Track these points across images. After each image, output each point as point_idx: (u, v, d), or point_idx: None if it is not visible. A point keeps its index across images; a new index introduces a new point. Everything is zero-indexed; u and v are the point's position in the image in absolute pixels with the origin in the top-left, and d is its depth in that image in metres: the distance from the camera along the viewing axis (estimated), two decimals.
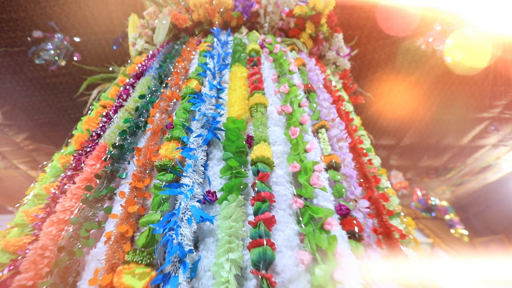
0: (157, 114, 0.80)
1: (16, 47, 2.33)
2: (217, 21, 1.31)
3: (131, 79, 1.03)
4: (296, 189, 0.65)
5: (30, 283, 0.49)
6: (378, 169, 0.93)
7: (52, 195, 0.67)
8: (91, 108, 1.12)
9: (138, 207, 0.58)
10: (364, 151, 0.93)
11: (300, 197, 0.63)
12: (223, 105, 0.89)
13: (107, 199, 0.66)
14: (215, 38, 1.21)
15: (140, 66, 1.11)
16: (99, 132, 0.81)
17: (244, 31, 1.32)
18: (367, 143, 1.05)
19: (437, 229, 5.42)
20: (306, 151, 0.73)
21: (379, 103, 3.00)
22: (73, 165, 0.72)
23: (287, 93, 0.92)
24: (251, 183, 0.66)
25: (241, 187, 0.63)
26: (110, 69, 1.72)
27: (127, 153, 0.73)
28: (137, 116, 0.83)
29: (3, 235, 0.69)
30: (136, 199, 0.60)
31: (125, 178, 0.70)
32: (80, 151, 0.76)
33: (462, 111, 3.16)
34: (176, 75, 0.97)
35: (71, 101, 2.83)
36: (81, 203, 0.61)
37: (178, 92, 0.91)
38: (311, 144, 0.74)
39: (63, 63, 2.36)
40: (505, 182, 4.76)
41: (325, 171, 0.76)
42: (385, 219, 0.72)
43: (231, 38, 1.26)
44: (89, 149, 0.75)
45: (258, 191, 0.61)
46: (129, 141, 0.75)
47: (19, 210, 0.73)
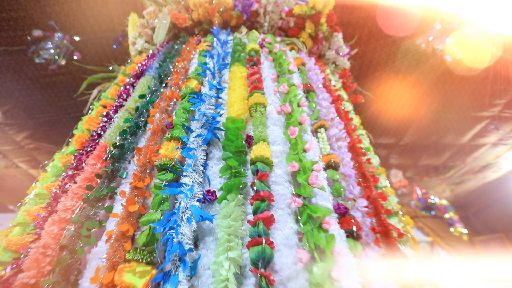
0: (157, 114, 0.81)
1: (16, 46, 2.33)
2: (216, 20, 1.31)
3: (131, 79, 1.04)
4: (295, 189, 0.65)
5: (32, 281, 0.49)
6: (376, 169, 0.94)
7: (53, 194, 0.67)
8: (91, 107, 1.13)
9: (138, 206, 0.59)
10: (363, 151, 0.94)
11: (299, 196, 0.64)
12: (223, 104, 0.89)
13: (108, 198, 0.66)
14: (215, 37, 1.21)
15: (140, 65, 1.12)
16: (99, 131, 0.82)
17: (243, 31, 1.32)
18: (366, 143, 1.06)
19: (436, 228, 5.43)
20: (305, 151, 0.73)
21: (379, 102, 3.00)
22: (74, 164, 0.72)
23: (286, 92, 0.93)
24: (250, 182, 0.67)
25: (241, 186, 0.63)
26: (110, 68, 1.72)
27: (128, 153, 0.74)
28: (137, 116, 0.83)
29: (5, 234, 0.70)
30: (136, 198, 0.60)
31: (125, 177, 0.70)
32: (81, 151, 0.76)
33: (462, 110, 3.16)
34: (176, 75, 0.97)
35: (71, 100, 2.83)
36: (82, 202, 0.62)
37: (178, 92, 0.91)
38: (310, 143, 0.74)
39: (63, 62, 2.36)
40: (505, 180, 4.77)
41: (324, 171, 0.77)
42: (383, 218, 0.73)
43: (230, 37, 1.26)
44: (90, 149, 0.75)
45: (257, 190, 0.61)
46: (129, 140, 0.76)
47: (20, 209, 0.74)
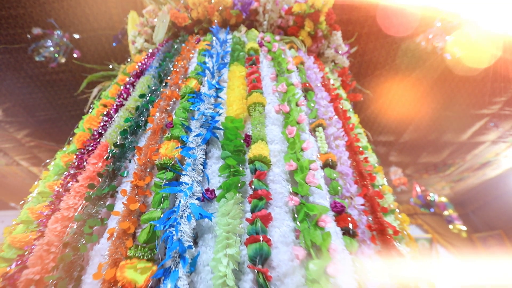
0: (157, 113, 0.82)
1: (15, 44, 2.33)
2: (216, 19, 1.32)
3: (131, 78, 1.05)
4: (292, 187, 0.66)
5: (37, 277, 0.51)
6: (373, 167, 0.95)
7: (56, 193, 0.69)
8: (92, 106, 1.14)
9: (139, 204, 0.60)
10: (360, 149, 0.95)
11: (296, 194, 0.65)
12: (222, 104, 0.90)
13: (109, 197, 0.68)
14: (214, 36, 1.22)
15: (140, 65, 1.12)
16: (100, 131, 0.83)
17: (243, 29, 1.32)
18: (363, 141, 1.07)
19: (435, 225, 5.46)
20: (302, 150, 0.74)
21: (379, 100, 3.01)
22: (76, 163, 0.74)
23: (284, 92, 0.94)
24: (248, 181, 0.68)
25: (239, 185, 0.64)
26: (110, 67, 1.72)
27: (128, 152, 0.75)
28: (138, 115, 0.84)
29: (9, 231, 0.71)
30: (137, 197, 0.62)
31: (126, 176, 0.72)
32: (82, 150, 0.77)
33: (461, 107, 3.16)
34: (175, 74, 0.98)
35: (71, 98, 2.84)
36: (84, 201, 0.63)
37: (177, 91, 0.92)
38: (308, 143, 0.75)
39: (63, 60, 2.36)
40: (504, 178, 4.78)
41: (321, 169, 0.78)
42: (379, 216, 0.74)
43: (230, 36, 1.27)
44: (91, 148, 0.77)
45: (255, 189, 0.63)
46: (130, 140, 0.77)
47: (24, 207, 0.75)
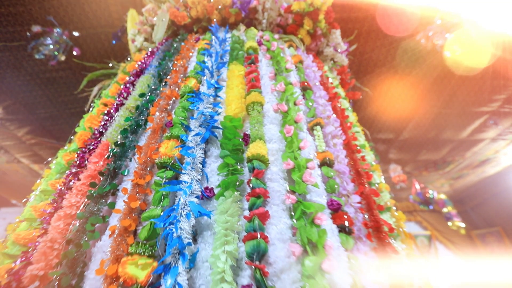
0: (157, 112, 0.83)
1: (15, 42, 2.33)
2: (215, 18, 1.32)
3: (131, 77, 1.05)
4: (289, 185, 0.68)
5: (41, 273, 0.53)
6: (370, 165, 0.96)
7: (58, 191, 0.70)
8: (92, 105, 1.15)
9: (140, 202, 0.62)
10: (358, 148, 0.96)
11: (293, 193, 0.66)
12: (221, 103, 0.91)
13: (110, 195, 0.69)
14: (213, 35, 1.22)
15: (139, 64, 1.13)
16: (101, 130, 0.84)
17: (242, 28, 1.33)
18: (361, 140, 1.08)
19: (434, 222, 5.51)
20: (300, 149, 0.76)
21: (379, 98, 3.01)
22: (77, 162, 0.75)
23: (283, 91, 0.94)
24: (247, 179, 0.69)
25: (237, 183, 0.65)
26: (110, 65, 1.73)
27: (129, 151, 0.76)
28: (138, 114, 0.85)
29: (12, 229, 0.73)
30: (138, 195, 0.63)
31: (127, 175, 0.73)
32: (83, 149, 0.79)
33: (461, 105, 3.17)
34: (175, 73, 0.99)
35: (72, 96, 2.84)
36: (86, 199, 0.65)
37: (177, 90, 0.93)
38: (305, 142, 0.76)
39: (62, 57, 2.36)
40: (503, 175, 4.80)
41: (319, 168, 0.79)
42: (375, 214, 0.76)
43: (229, 35, 1.27)
44: (92, 147, 0.78)
45: (253, 187, 0.64)
46: (130, 139, 0.78)
47: (27, 205, 0.77)
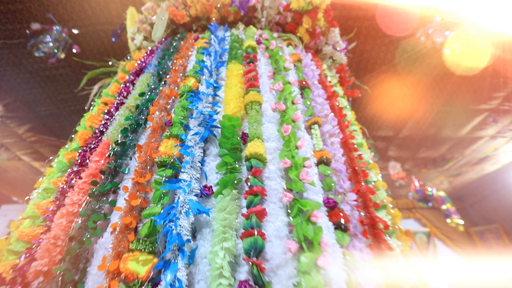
0: (157, 112, 0.84)
1: (14, 39, 2.33)
2: (214, 16, 1.32)
3: (131, 76, 1.06)
4: (286, 184, 0.69)
5: (45, 268, 0.54)
6: (367, 164, 0.97)
7: (60, 189, 0.72)
8: (92, 104, 1.16)
9: (140, 200, 0.63)
10: (355, 146, 0.97)
11: (290, 191, 0.68)
12: (220, 102, 0.92)
13: (111, 193, 0.70)
14: (212, 34, 1.23)
15: (139, 63, 1.14)
16: (101, 129, 0.85)
17: (241, 27, 1.33)
18: (359, 138, 1.09)
19: (433, 219, 5.54)
20: (297, 148, 0.77)
21: (378, 96, 3.02)
22: (79, 161, 0.76)
23: (281, 90, 0.95)
24: (245, 178, 0.70)
25: (236, 182, 0.67)
26: (109, 63, 1.74)
27: (129, 150, 0.77)
28: (138, 113, 0.86)
29: (16, 226, 0.75)
30: (138, 193, 0.64)
31: (127, 173, 0.74)
32: (84, 148, 0.80)
33: (461, 103, 3.17)
34: (174, 72, 1.00)
35: (72, 93, 2.85)
36: (88, 197, 0.66)
37: (176, 89, 0.94)
38: (302, 141, 0.78)
39: (62, 55, 2.36)
40: (502, 172, 4.82)
41: (316, 166, 0.81)
42: (371, 211, 0.77)
43: (228, 34, 1.28)
44: (93, 146, 0.79)
45: (251, 185, 0.65)
46: (130, 138, 0.79)
47: (29, 202, 0.78)
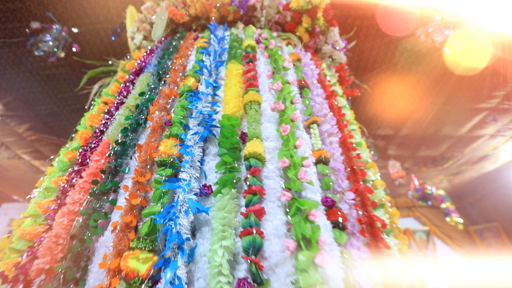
0: (156, 111, 0.85)
1: (14, 38, 2.33)
2: (214, 16, 1.33)
3: (131, 76, 1.07)
4: (285, 183, 0.70)
5: (47, 266, 0.55)
6: (366, 163, 0.98)
7: (61, 188, 0.73)
8: (92, 103, 1.16)
9: (140, 199, 0.64)
10: (353, 145, 0.98)
11: (289, 190, 0.68)
12: (219, 102, 0.93)
13: (112, 192, 0.71)
14: (212, 34, 1.23)
15: (139, 62, 1.14)
16: (102, 128, 0.86)
17: (240, 26, 1.33)
18: (357, 137, 1.10)
19: (433, 217, 5.56)
20: (296, 147, 0.78)
21: (378, 95, 3.02)
22: (79, 160, 0.77)
23: (280, 90, 0.96)
24: (244, 177, 0.71)
25: (235, 181, 0.67)
26: (109, 62, 1.74)
27: (129, 149, 0.78)
28: (138, 113, 0.87)
29: (17, 225, 0.76)
30: (138, 192, 0.65)
31: (128, 172, 0.75)
32: (85, 147, 0.81)
33: (460, 101, 3.17)
34: (174, 72, 1.00)
35: (72, 92, 2.85)
36: (88, 196, 0.67)
37: (176, 89, 0.94)
38: (301, 140, 0.78)
39: (62, 54, 2.36)
40: (502, 171, 4.82)
41: (314, 165, 0.81)
42: (369, 210, 0.78)
43: (227, 33, 1.28)
44: (93, 145, 0.80)
45: (250, 184, 0.66)
46: (130, 137, 0.80)
47: (31, 201, 0.79)
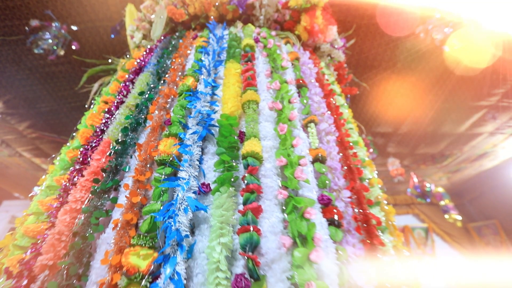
0: (156, 111, 0.86)
1: (13, 36, 2.33)
2: (213, 14, 1.33)
3: (131, 75, 1.08)
4: (282, 181, 0.71)
5: (50, 262, 0.57)
6: (362, 161, 0.99)
7: (63, 186, 0.74)
8: (93, 102, 1.18)
9: (140, 197, 0.65)
10: (350, 144, 0.99)
11: (286, 188, 0.70)
12: (218, 101, 0.94)
13: (113, 190, 0.73)
14: (211, 33, 1.24)
15: (138, 61, 1.15)
16: (102, 127, 0.87)
17: (239, 25, 1.34)
18: (354, 136, 1.11)
19: (432, 214, 5.59)
20: (293, 146, 0.79)
21: (378, 93, 3.02)
22: (81, 159, 0.79)
23: (278, 89, 0.97)
24: (241, 175, 0.72)
25: (233, 179, 0.69)
26: (109, 61, 1.75)
27: (129, 148, 0.79)
28: (137, 112, 0.88)
29: (20, 222, 0.77)
30: (138, 190, 0.67)
31: (128, 171, 0.76)
32: (86, 146, 0.82)
33: (460, 99, 3.18)
34: (173, 71, 1.01)
35: (72, 90, 2.86)
36: (90, 194, 0.69)
37: (175, 88, 0.95)
38: (298, 139, 0.80)
39: (62, 52, 2.36)
40: (501, 169, 4.84)
41: (311, 164, 0.83)
42: (364, 208, 0.79)
43: (226, 32, 1.29)
44: (94, 144, 0.81)
45: (247, 183, 0.67)
46: (130, 137, 0.81)
47: (33, 199, 0.81)
